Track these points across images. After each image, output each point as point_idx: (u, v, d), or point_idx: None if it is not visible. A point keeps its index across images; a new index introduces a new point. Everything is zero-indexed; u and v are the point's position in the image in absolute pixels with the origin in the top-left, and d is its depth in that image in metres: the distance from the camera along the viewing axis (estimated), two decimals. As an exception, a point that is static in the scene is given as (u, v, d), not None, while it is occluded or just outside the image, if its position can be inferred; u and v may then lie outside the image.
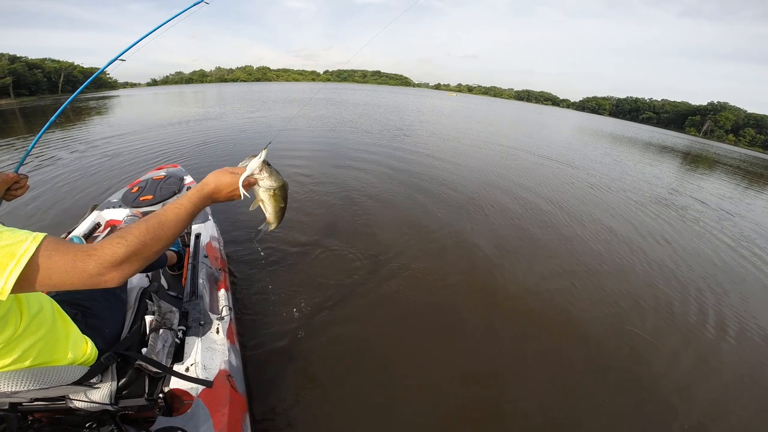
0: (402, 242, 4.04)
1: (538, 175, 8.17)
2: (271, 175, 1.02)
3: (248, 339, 2.39)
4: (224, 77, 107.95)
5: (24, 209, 4.39)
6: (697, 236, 5.59)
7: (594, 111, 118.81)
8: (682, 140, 40.42)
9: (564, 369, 2.53)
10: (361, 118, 15.84)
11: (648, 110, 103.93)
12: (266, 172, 1.01)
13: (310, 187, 5.73)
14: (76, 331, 1.04)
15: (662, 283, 3.84)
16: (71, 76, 49.92)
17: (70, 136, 10.58)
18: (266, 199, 1.07)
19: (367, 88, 77.75)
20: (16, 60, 41.44)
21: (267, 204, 1.08)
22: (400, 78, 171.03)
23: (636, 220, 5.83)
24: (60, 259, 0.65)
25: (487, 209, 5.41)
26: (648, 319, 3.18)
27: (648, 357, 2.74)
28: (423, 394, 2.20)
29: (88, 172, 6.32)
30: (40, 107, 24.07)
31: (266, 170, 1.01)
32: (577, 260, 4.08)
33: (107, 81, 60.37)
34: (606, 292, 3.53)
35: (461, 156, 9.39)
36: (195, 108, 19.23)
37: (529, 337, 2.80)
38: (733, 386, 2.57)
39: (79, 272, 0.67)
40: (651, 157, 16.58)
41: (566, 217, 5.50)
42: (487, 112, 32.75)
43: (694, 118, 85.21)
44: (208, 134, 10.58)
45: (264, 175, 1.01)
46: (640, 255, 4.44)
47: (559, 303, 3.25)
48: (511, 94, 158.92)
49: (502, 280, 3.51)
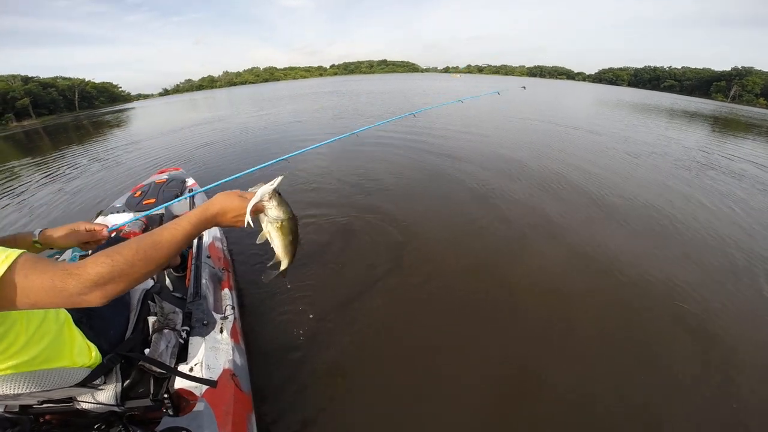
0: (421, 238, 3.90)
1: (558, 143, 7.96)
2: (280, 205, 0.96)
3: (253, 338, 2.40)
4: (233, 81, 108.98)
5: (31, 216, 4.45)
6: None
7: (612, 82, 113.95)
8: (709, 105, 38.17)
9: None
10: (365, 106, 16.03)
11: (669, 78, 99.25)
12: (275, 201, 0.95)
13: (317, 178, 5.72)
14: (79, 334, 1.05)
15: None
16: (85, 92, 51.39)
17: (86, 148, 11.02)
18: (273, 231, 0.99)
19: (374, 78, 77.07)
20: (29, 80, 42.88)
21: (274, 237, 1.00)
22: (408, 65, 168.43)
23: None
24: (37, 279, 0.64)
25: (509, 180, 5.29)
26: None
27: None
28: (432, 399, 2.12)
29: (97, 178, 6.57)
30: (62, 125, 25.06)
31: (276, 199, 0.95)
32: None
33: (120, 94, 62.14)
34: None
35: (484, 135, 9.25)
36: (205, 113, 19.55)
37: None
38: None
39: (58, 291, 0.65)
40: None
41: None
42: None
43: (719, 83, 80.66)
44: (215, 136, 10.80)
45: (272, 203, 0.95)
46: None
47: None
48: (522, 71, 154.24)
49: (537, 260, 3.43)
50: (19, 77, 41.65)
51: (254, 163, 1.92)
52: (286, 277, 1.14)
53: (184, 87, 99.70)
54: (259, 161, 1.93)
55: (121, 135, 14.46)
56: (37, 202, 6.00)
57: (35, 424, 1.12)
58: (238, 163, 7.19)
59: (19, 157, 11.80)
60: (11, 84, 38.91)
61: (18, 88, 39.01)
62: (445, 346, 2.49)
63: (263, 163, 1.91)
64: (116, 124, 19.66)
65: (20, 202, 6.13)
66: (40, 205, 5.77)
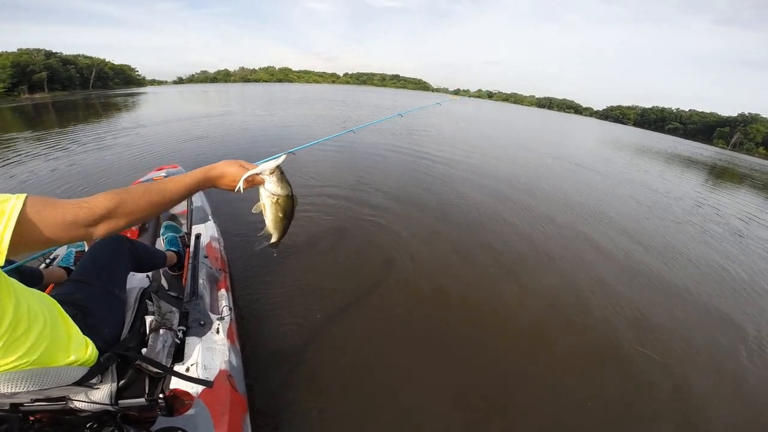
0: (420, 249, 4.00)
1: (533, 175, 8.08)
2: (279, 181, 1.02)
3: (249, 339, 2.41)
4: (247, 77, 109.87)
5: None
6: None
7: (617, 120, 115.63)
8: (707, 152, 38.80)
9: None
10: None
11: (674, 120, 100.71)
12: (275, 177, 1.01)
13: (317, 181, 5.78)
14: (77, 332, 1.04)
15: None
16: (102, 72, 51.63)
17: (89, 130, 11.02)
18: (268, 204, 1.05)
19: (384, 92, 77.96)
20: (51, 55, 43.06)
21: (268, 210, 1.07)
22: (419, 82, 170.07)
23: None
24: (50, 213, 0.68)
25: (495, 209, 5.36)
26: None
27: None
28: (429, 406, 2.19)
29: (95, 167, 6.46)
30: (71, 102, 25.06)
31: (276, 175, 1.01)
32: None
33: (136, 78, 62.49)
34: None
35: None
36: (216, 108, 19.66)
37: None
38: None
39: (70, 223, 0.70)
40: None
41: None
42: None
43: (723, 129, 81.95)
44: (219, 130, 10.87)
45: (272, 178, 1.01)
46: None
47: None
48: (532, 101, 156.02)
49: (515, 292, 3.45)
50: (42, 52, 41.76)
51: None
52: (276, 249, 1.21)
53: (199, 78, 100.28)
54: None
55: (127, 119, 14.49)
56: (28, 183, 5.68)
57: (24, 423, 1.11)
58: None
59: (21, 129, 11.74)
60: (34, 57, 39.05)
61: (39, 62, 39.17)
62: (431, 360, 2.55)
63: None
64: (125, 107, 19.71)
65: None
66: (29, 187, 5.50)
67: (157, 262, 1.92)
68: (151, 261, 1.86)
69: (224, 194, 4.65)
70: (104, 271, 1.34)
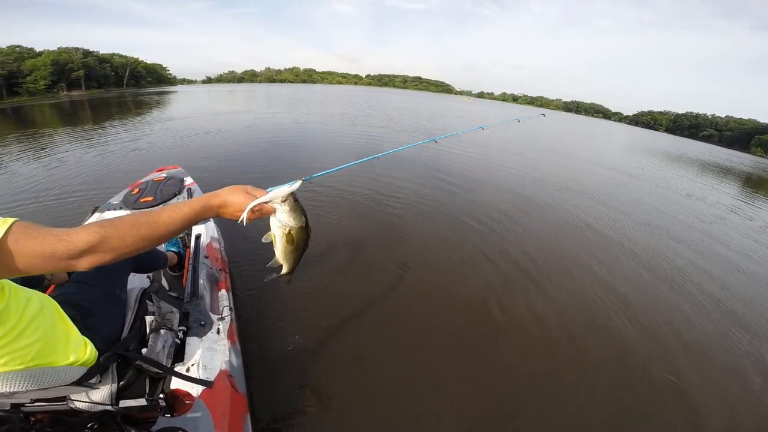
0: (428, 252, 3.95)
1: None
2: (292, 210, 0.90)
3: (249, 339, 2.42)
4: (273, 77, 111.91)
5: (26, 206, 4.39)
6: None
7: (649, 126, 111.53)
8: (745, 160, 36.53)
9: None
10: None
11: (709, 127, 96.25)
12: (287, 206, 0.89)
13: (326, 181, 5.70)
14: (76, 333, 1.05)
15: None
16: (135, 71, 53.71)
17: (123, 126, 11.49)
18: (278, 235, 0.94)
19: (405, 94, 77.59)
20: (89, 54, 45.15)
21: (278, 241, 0.96)
22: (442, 85, 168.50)
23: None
24: (28, 243, 0.66)
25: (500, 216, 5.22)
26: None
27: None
28: (429, 409, 2.17)
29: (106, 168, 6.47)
30: (105, 99, 26.21)
31: (289, 203, 0.89)
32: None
33: (167, 77, 64.73)
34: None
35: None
36: (244, 108, 20.04)
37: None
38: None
39: (48, 256, 0.68)
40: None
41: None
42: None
43: (762, 137, 77.72)
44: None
45: (284, 207, 0.89)
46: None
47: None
48: (558, 105, 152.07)
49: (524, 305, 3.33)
50: (80, 50, 43.87)
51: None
52: (288, 282, 1.10)
53: (227, 77, 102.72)
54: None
55: (157, 116, 15.03)
56: (51, 177, 5.78)
57: (25, 423, 1.12)
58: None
59: (57, 126, 12.42)
60: (72, 56, 41.07)
61: (77, 61, 41.16)
62: (439, 362, 2.53)
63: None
64: (156, 105, 20.42)
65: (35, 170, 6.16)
66: (48, 182, 5.55)
67: (157, 262, 1.95)
68: (152, 261, 1.88)
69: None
70: (105, 272, 1.33)
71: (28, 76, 35.09)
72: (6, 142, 8.68)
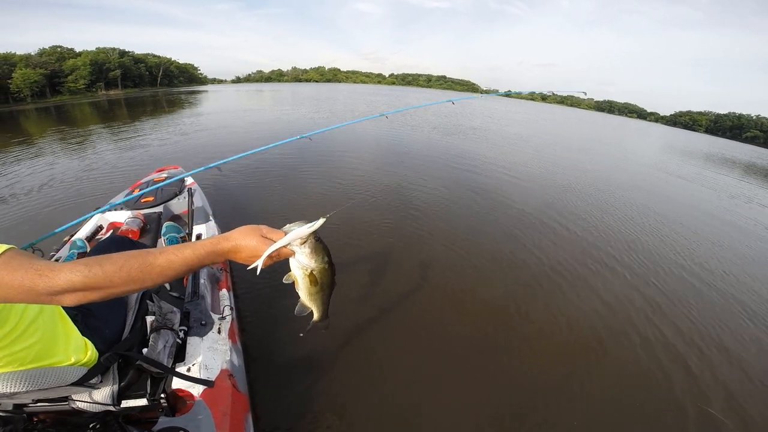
0: (439, 252, 3.86)
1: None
2: (313, 252, 0.82)
3: (250, 338, 2.42)
4: (299, 77, 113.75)
5: (25, 209, 4.18)
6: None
7: (687, 127, 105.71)
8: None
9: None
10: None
11: (754, 128, 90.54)
12: (308, 247, 0.81)
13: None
14: (77, 333, 1.06)
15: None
16: (168, 70, 55.84)
17: (154, 123, 12.01)
18: (299, 277, 0.86)
19: (429, 93, 76.77)
20: (125, 54, 47.31)
21: (300, 283, 0.88)
22: (467, 84, 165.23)
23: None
24: (7, 275, 0.64)
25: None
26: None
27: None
28: (430, 408, 2.14)
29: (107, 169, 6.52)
30: (140, 98, 27.43)
31: (309, 244, 0.81)
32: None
33: (198, 77, 67.04)
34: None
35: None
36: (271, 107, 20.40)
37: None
38: None
39: (26, 290, 0.65)
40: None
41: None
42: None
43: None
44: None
45: (304, 249, 0.81)
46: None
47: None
48: (590, 105, 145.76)
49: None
50: (117, 51, 46.14)
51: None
52: (326, 328, 1.00)
53: (255, 77, 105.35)
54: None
55: (188, 114, 15.60)
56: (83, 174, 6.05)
57: (28, 423, 1.13)
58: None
59: (97, 122, 13.32)
60: (109, 56, 43.23)
61: (114, 61, 43.29)
62: (446, 374, 2.44)
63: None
64: (188, 104, 21.14)
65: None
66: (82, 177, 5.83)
67: None
68: None
69: (225, 193, 4.74)
70: None
71: (69, 76, 37.21)
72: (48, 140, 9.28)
